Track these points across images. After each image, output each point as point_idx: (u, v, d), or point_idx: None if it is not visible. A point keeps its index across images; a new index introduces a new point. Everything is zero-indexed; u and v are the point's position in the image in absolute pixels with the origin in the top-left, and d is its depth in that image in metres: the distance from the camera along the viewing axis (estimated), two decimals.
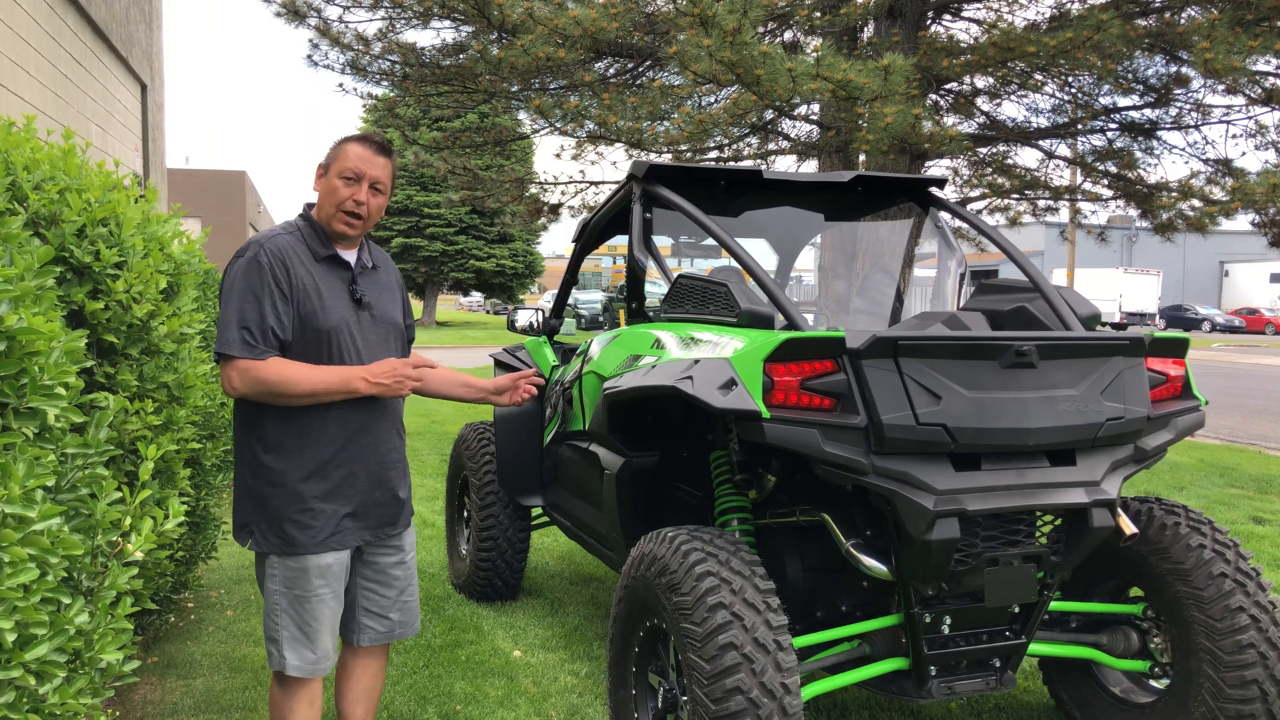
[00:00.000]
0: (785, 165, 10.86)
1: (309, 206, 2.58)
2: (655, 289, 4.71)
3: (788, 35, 9.43)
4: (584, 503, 3.73)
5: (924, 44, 7.63)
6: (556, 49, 7.34)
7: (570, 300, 4.61)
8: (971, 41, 8.27)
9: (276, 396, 2.35)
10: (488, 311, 53.80)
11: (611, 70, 9.42)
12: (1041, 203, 9.94)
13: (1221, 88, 7.88)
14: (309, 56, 9.68)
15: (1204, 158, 8.80)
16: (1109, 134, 9.17)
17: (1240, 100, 8.18)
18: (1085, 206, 10.11)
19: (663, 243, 3.93)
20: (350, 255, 2.55)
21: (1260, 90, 7.80)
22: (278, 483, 2.41)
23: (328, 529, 2.44)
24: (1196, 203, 8.20)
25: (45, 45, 7.47)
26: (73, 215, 2.41)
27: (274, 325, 2.35)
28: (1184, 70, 8.14)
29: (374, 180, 2.49)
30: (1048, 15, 8.40)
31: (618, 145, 8.57)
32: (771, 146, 10.00)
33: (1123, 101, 8.80)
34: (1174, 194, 8.29)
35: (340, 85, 10.03)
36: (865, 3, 7.35)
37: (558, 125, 8.82)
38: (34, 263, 1.82)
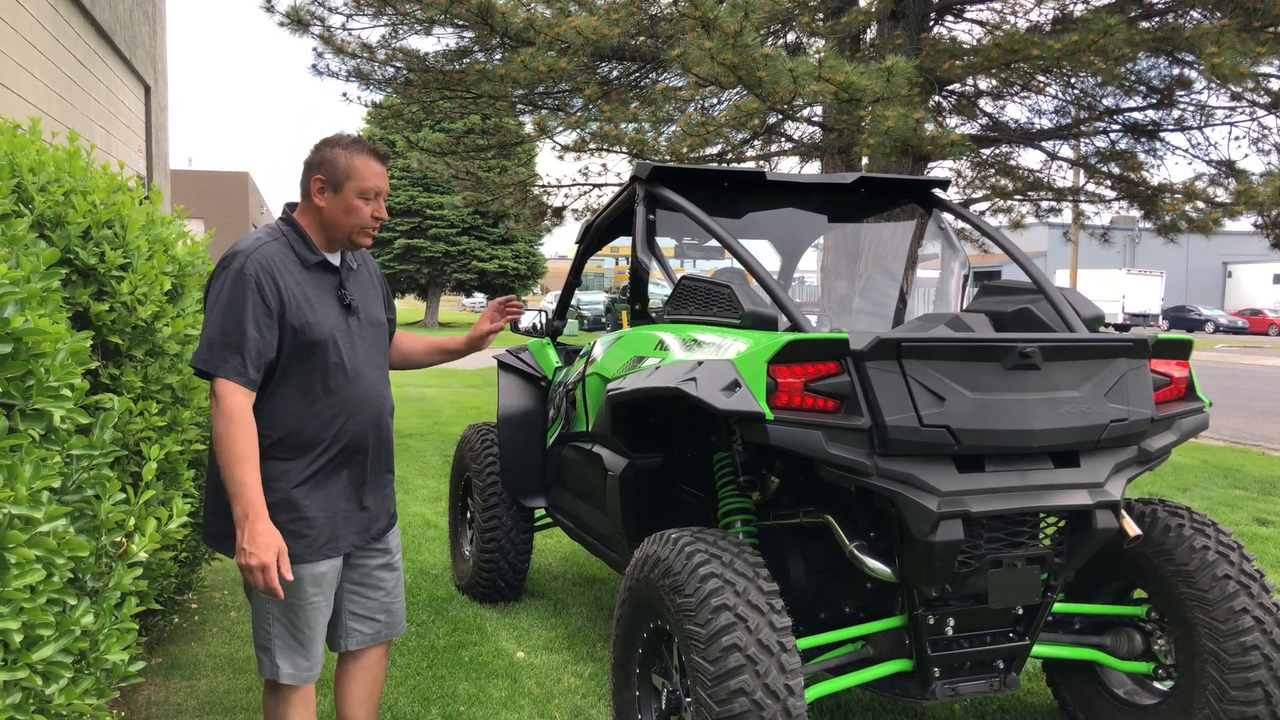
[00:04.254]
0: (788, 167, 10.85)
1: (290, 208, 2.48)
2: (658, 290, 4.71)
3: (790, 37, 9.43)
4: (587, 504, 3.73)
5: (927, 45, 7.63)
6: (558, 59, 7.34)
7: (573, 301, 4.61)
8: (974, 43, 8.27)
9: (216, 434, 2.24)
10: None
11: (614, 74, 9.43)
12: (1044, 204, 9.93)
13: (1226, 93, 7.88)
14: (313, 65, 9.69)
15: (1207, 159, 8.80)
16: (1112, 135, 9.16)
17: (1244, 103, 8.17)
18: (1088, 208, 10.10)
19: (666, 244, 3.93)
20: (335, 258, 2.48)
21: (1265, 93, 7.79)
22: (272, 491, 2.32)
23: (323, 536, 2.39)
24: (1201, 204, 8.18)
25: (49, 47, 7.49)
26: (78, 217, 2.42)
27: (250, 345, 2.25)
28: (1187, 72, 8.14)
29: (386, 193, 2.47)
30: (1050, 17, 8.39)
31: (620, 153, 8.57)
32: (774, 148, 10.00)
33: (1126, 103, 8.80)
34: (1178, 196, 8.28)
35: (344, 94, 10.04)
36: (868, 8, 7.35)
37: (557, 142, 8.84)
38: (40, 265, 1.83)
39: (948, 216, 3.83)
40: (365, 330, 2.49)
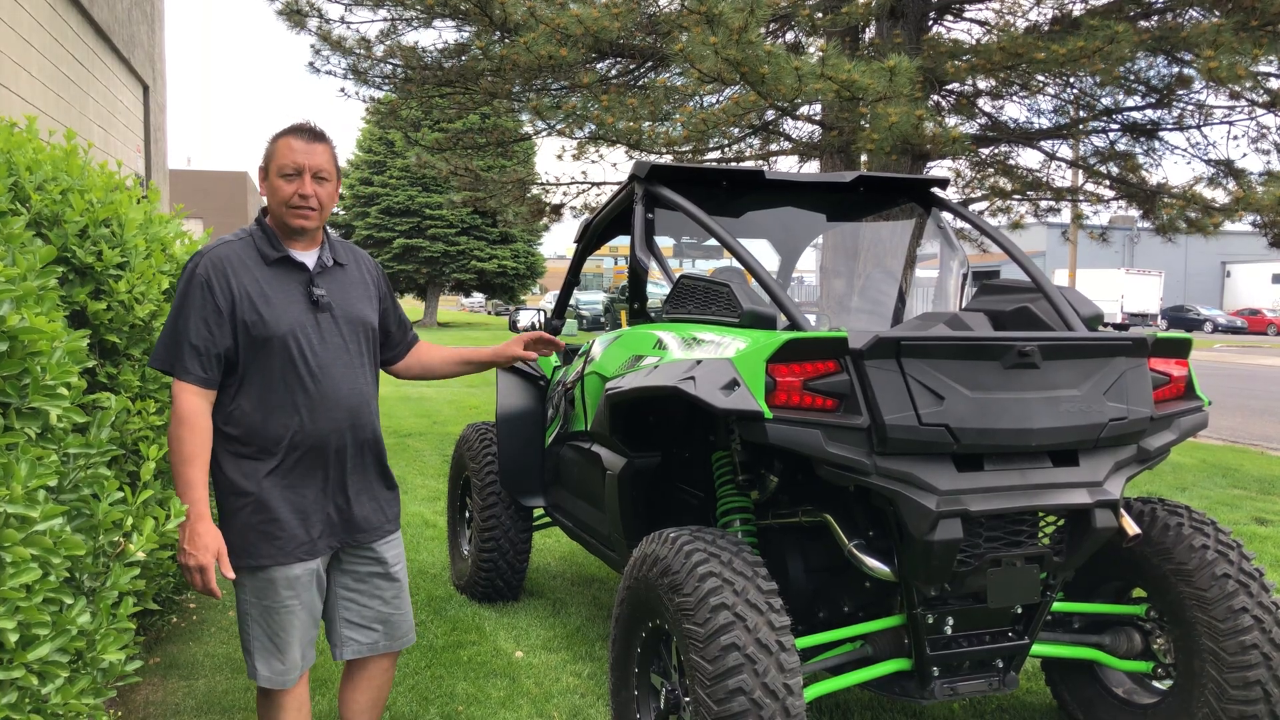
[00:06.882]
0: (787, 166, 10.85)
1: (265, 211, 2.47)
2: (657, 289, 4.70)
3: (789, 36, 9.43)
4: (586, 503, 3.72)
5: (927, 45, 7.63)
6: (559, 48, 7.34)
7: (572, 301, 4.61)
8: (974, 43, 8.26)
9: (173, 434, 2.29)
10: (489, 312, 53.84)
11: (613, 71, 9.42)
12: (1043, 204, 9.93)
13: (1225, 92, 7.87)
14: (311, 63, 9.65)
15: (1206, 158, 8.79)
16: (1111, 135, 9.16)
17: (1243, 102, 8.17)
18: (1087, 207, 10.09)
19: (665, 243, 3.92)
20: (309, 256, 2.44)
21: (1264, 93, 7.78)
22: (243, 492, 2.33)
23: (297, 538, 2.37)
24: (1199, 208, 8.17)
25: (47, 46, 7.48)
26: (75, 216, 2.41)
27: (198, 343, 2.27)
28: (1186, 71, 8.13)
29: (315, 170, 2.37)
30: (1049, 17, 8.38)
31: (618, 146, 8.55)
32: (773, 147, 9.99)
33: (1125, 102, 8.79)
34: (1176, 200, 8.27)
35: (342, 90, 9.99)
36: (867, 2, 7.34)
37: (557, 127, 8.80)
38: (36, 263, 1.82)
39: (947, 216, 3.83)
40: (341, 328, 2.44)
